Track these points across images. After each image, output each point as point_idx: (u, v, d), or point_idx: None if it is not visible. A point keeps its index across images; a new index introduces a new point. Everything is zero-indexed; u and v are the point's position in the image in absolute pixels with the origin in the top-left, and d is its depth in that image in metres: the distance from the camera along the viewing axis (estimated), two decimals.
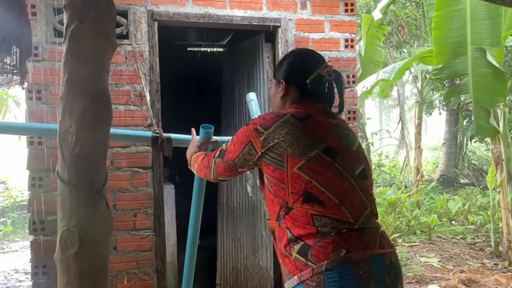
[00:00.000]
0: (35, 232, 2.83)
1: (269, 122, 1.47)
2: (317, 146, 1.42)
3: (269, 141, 1.44)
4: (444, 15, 4.63)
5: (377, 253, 1.36)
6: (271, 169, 1.45)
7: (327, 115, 1.55)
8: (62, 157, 1.63)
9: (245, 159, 1.53)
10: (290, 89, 1.60)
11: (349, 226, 1.37)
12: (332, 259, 1.31)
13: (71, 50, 1.63)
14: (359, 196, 1.43)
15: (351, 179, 1.43)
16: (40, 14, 2.87)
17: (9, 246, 7.15)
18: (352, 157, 1.49)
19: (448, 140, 11.68)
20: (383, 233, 1.46)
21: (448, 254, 5.51)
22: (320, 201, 1.38)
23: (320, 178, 1.39)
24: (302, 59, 1.63)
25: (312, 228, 1.36)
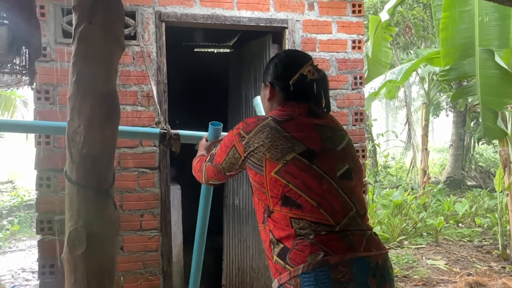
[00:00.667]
0: (43, 232, 2.84)
1: (250, 127, 1.48)
2: (295, 149, 1.41)
3: (250, 146, 1.46)
4: (452, 16, 4.61)
5: (360, 255, 1.33)
6: (253, 173, 1.47)
7: (312, 115, 1.53)
8: (70, 157, 1.64)
9: (231, 163, 1.55)
10: (275, 91, 1.60)
11: (329, 229, 1.35)
12: (308, 263, 1.30)
13: (80, 51, 1.64)
14: (341, 197, 1.40)
15: (331, 180, 1.41)
16: (49, 14, 2.89)
17: (16, 245, 7.20)
18: (334, 157, 1.46)
19: (455, 142, 11.61)
20: (372, 235, 1.43)
21: (455, 256, 5.48)
22: (297, 204, 1.37)
23: (297, 182, 1.38)
24: (285, 61, 1.63)
25: (291, 230, 1.36)
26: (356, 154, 1.58)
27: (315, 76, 1.54)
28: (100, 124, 1.63)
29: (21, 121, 2.76)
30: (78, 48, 1.64)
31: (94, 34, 1.64)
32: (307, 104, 1.55)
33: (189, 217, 4.17)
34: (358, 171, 1.52)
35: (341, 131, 1.57)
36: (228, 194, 4.20)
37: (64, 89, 2.88)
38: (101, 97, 1.63)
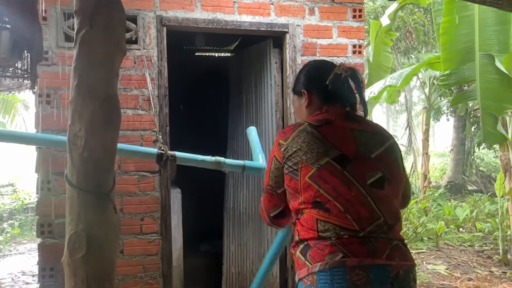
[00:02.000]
0: (43, 235, 2.84)
1: (287, 134, 1.53)
2: (329, 154, 1.44)
3: (288, 151, 1.49)
4: (452, 21, 4.63)
5: (380, 263, 1.35)
6: (288, 179, 1.50)
7: (349, 119, 1.56)
8: (71, 161, 1.64)
9: (275, 176, 1.56)
10: (312, 96, 1.62)
11: (352, 233, 1.38)
12: (326, 261, 1.34)
13: (81, 55, 1.65)
14: (368, 205, 1.41)
15: (360, 187, 1.42)
16: (51, 19, 2.90)
17: (17, 248, 7.20)
18: (367, 165, 1.47)
19: (456, 147, 11.61)
20: (399, 245, 1.43)
21: (456, 261, 5.47)
22: (325, 208, 1.40)
23: (327, 187, 1.41)
24: (317, 66, 1.69)
25: (315, 233, 1.40)
26: (396, 162, 1.54)
27: (349, 73, 1.56)
28: (101, 128, 1.63)
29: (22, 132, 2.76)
30: (79, 52, 1.64)
31: (95, 38, 1.65)
32: (344, 108, 1.58)
33: (189, 221, 4.18)
34: (394, 180, 1.50)
35: (382, 136, 1.56)
36: (228, 198, 4.20)
37: (65, 92, 2.89)
38: (102, 101, 1.63)
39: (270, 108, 3.55)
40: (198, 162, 2.36)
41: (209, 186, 4.54)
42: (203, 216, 4.91)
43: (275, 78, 3.48)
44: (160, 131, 3.05)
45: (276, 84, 3.48)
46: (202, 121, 5.23)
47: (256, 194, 3.74)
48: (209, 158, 2.37)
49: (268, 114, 3.58)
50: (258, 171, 2.42)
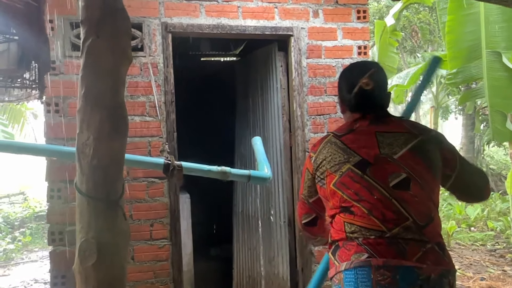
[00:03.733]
0: (54, 243, 2.87)
1: (316, 146, 1.62)
2: (350, 160, 1.49)
3: (317, 162, 1.58)
4: (457, 19, 4.61)
5: (408, 264, 1.34)
6: (319, 188, 1.59)
7: (375, 123, 1.56)
8: (80, 169, 1.66)
9: (308, 187, 1.65)
10: (344, 106, 1.68)
11: (379, 234, 1.39)
12: (351, 261, 1.39)
13: (88, 64, 1.66)
14: (393, 207, 1.41)
15: (383, 190, 1.43)
16: (58, 29, 2.93)
17: (29, 256, 7.26)
18: (389, 167, 1.46)
19: (465, 145, 11.51)
20: (433, 248, 1.40)
21: (468, 261, 5.42)
22: (350, 211, 1.46)
23: (350, 192, 1.47)
24: (345, 76, 1.70)
25: (343, 233, 1.46)
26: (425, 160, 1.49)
27: (370, 87, 1.55)
28: (109, 136, 1.64)
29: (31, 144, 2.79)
30: (86, 61, 1.66)
31: (101, 47, 1.66)
32: (372, 113, 1.58)
33: (198, 225, 4.19)
34: (423, 180, 1.47)
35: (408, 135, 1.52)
36: (237, 202, 4.21)
37: (73, 101, 2.92)
38: (110, 109, 1.65)
39: (277, 111, 3.55)
40: (204, 172, 2.39)
41: (218, 190, 4.54)
42: (212, 220, 4.92)
43: (281, 81, 3.49)
44: (168, 137, 3.07)
45: (282, 87, 3.49)
46: (209, 126, 5.24)
47: (264, 198, 3.74)
48: (215, 168, 2.39)
49: (275, 117, 3.58)
50: (263, 180, 2.45)
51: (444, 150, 1.55)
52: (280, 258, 3.53)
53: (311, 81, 3.38)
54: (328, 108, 3.39)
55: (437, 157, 1.52)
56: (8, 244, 7.39)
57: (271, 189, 3.61)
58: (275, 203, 3.58)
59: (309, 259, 3.33)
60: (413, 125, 1.59)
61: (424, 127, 1.61)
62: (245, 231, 4.03)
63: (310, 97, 3.38)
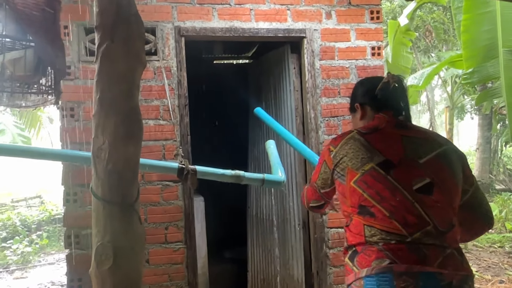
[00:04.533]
0: (71, 246, 2.89)
1: (337, 141, 1.60)
2: (374, 159, 1.47)
3: (337, 157, 1.56)
4: (473, 18, 4.54)
5: (430, 270, 1.33)
6: (338, 184, 1.57)
7: (400, 127, 1.58)
8: (96, 173, 1.67)
9: (323, 178, 1.66)
10: (365, 108, 1.69)
11: (400, 239, 1.37)
12: (373, 267, 1.36)
13: (103, 69, 1.68)
14: (415, 211, 1.40)
15: (405, 193, 1.42)
16: (73, 34, 2.97)
17: (46, 259, 7.35)
18: (414, 170, 1.46)
19: (482, 145, 11.35)
20: (453, 253, 1.40)
21: (486, 263, 5.33)
22: (370, 213, 1.43)
23: (371, 191, 1.44)
24: (366, 80, 1.80)
25: (362, 238, 1.42)
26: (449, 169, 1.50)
27: (396, 80, 1.62)
28: (123, 140, 1.65)
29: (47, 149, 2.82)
30: (101, 66, 1.67)
31: (116, 52, 1.67)
32: (395, 116, 1.61)
33: (212, 228, 4.19)
34: (446, 186, 1.46)
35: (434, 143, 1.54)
36: (251, 204, 4.20)
37: (88, 106, 2.95)
38: (124, 114, 1.66)
39: (290, 113, 3.54)
40: (218, 176, 2.39)
41: (232, 193, 4.54)
42: (226, 222, 4.92)
43: (294, 83, 3.48)
44: (181, 140, 3.08)
45: (295, 89, 3.48)
46: (222, 128, 5.25)
47: (279, 200, 3.73)
48: (229, 172, 2.40)
49: (288, 119, 3.58)
50: (277, 184, 2.44)
51: (465, 165, 1.57)
52: (295, 261, 3.52)
53: (324, 82, 3.37)
54: (342, 109, 3.36)
55: (459, 169, 1.54)
56: (26, 247, 7.50)
57: (286, 192, 3.60)
58: (289, 206, 3.57)
59: (324, 262, 3.31)
60: (437, 135, 1.63)
61: (448, 140, 1.63)
62: (259, 234, 4.02)
63: (324, 99, 3.36)
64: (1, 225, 8.79)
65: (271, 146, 2.78)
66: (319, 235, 3.31)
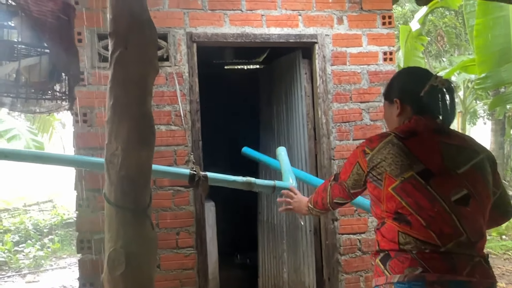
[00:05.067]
0: (83, 251, 2.91)
1: (374, 143, 1.54)
2: (413, 167, 1.44)
3: (373, 161, 1.52)
4: (486, 23, 4.51)
5: (460, 279, 1.36)
6: (373, 187, 1.54)
7: (439, 132, 1.54)
8: (109, 179, 1.68)
9: (355, 179, 1.62)
10: (405, 106, 1.61)
11: (433, 248, 1.39)
12: (405, 274, 1.38)
13: (116, 76, 1.69)
14: (452, 222, 1.41)
15: (444, 204, 1.42)
16: (86, 40, 3.00)
17: (57, 263, 7.40)
18: (452, 181, 1.45)
19: (495, 151, 11.17)
20: (481, 262, 1.42)
21: (500, 271, 5.25)
22: (407, 221, 1.42)
23: (410, 200, 1.43)
24: (412, 75, 1.67)
25: (396, 245, 1.43)
26: (484, 178, 1.51)
27: (445, 85, 1.55)
28: (136, 146, 1.66)
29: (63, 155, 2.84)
30: (114, 73, 1.68)
31: (129, 59, 1.68)
32: (434, 120, 1.57)
33: (223, 233, 4.19)
34: (480, 198, 1.47)
35: (472, 151, 1.53)
36: (262, 210, 4.19)
37: (101, 111, 2.98)
38: (137, 120, 1.67)
39: (301, 119, 3.53)
40: (229, 183, 2.40)
41: (242, 198, 4.53)
42: (236, 228, 4.91)
43: (305, 89, 3.47)
44: (193, 146, 3.09)
45: (306, 95, 3.47)
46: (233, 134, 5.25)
47: None
48: (240, 178, 2.40)
49: (300, 125, 3.57)
50: None
51: (495, 170, 1.58)
52: (306, 267, 3.49)
53: (336, 88, 3.35)
54: (353, 115, 3.35)
55: (490, 176, 1.54)
56: (38, 251, 7.56)
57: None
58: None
59: (336, 269, 3.29)
60: (474, 141, 1.60)
61: (483, 146, 1.61)
62: (270, 239, 4.01)
63: (335, 104, 3.35)
64: (13, 229, 8.88)
65: (282, 152, 2.77)
66: (330, 241, 3.29)
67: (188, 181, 2.32)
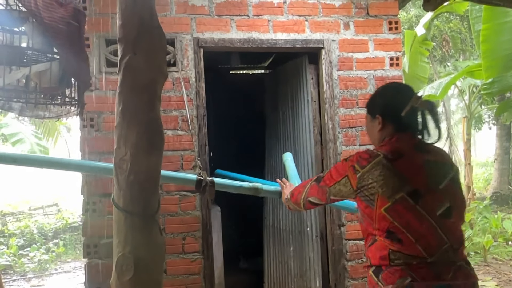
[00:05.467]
0: (89, 255, 2.91)
1: (364, 162, 1.60)
2: (403, 189, 1.54)
3: (364, 180, 1.59)
4: (492, 28, 4.49)
5: (444, 283, 1.49)
6: (364, 205, 1.61)
7: (421, 150, 1.63)
8: (118, 184, 1.68)
9: (340, 190, 1.68)
10: (386, 123, 1.69)
11: (421, 260, 1.51)
12: (397, 285, 1.50)
13: (125, 81, 1.69)
14: (438, 234, 1.53)
15: (431, 220, 1.53)
16: (93, 46, 3.02)
17: (62, 266, 7.41)
18: (437, 197, 1.56)
19: (500, 156, 11.17)
20: (462, 265, 1.55)
21: (507, 277, 5.21)
22: (398, 239, 1.53)
23: (402, 221, 1.53)
24: (396, 94, 1.74)
25: (387, 261, 1.55)
26: (459, 188, 1.64)
27: (425, 107, 1.63)
28: (145, 151, 1.66)
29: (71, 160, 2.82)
30: (123, 78, 1.69)
31: (138, 64, 1.69)
32: (415, 137, 1.67)
33: (228, 238, 4.18)
34: (458, 208, 1.61)
35: (448, 166, 1.64)
36: (268, 215, 4.18)
37: (108, 116, 2.99)
38: (146, 125, 1.67)
39: (308, 124, 3.53)
40: (235, 188, 2.41)
41: (248, 203, 4.53)
42: (242, 233, 4.90)
43: (311, 94, 3.47)
44: (199, 150, 3.09)
45: (313, 100, 3.47)
46: (239, 138, 5.26)
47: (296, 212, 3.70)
48: (246, 184, 2.42)
49: (306, 130, 3.56)
50: None
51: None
52: (312, 272, 3.48)
53: (342, 93, 3.35)
54: (360, 120, 3.34)
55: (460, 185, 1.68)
56: (43, 255, 7.58)
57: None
58: (307, 217, 3.54)
59: (342, 274, 3.27)
60: (447, 154, 1.71)
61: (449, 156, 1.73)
62: (276, 245, 3.99)
63: (342, 110, 3.35)
64: (19, 233, 8.91)
65: (288, 158, 2.77)
66: (337, 247, 3.28)
67: (195, 187, 2.32)
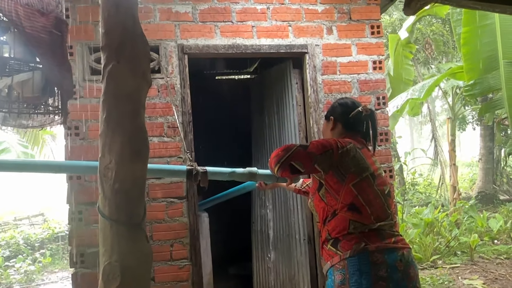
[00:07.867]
0: (76, 265, 2.88)
1: (345, 144, 1.96)
2: (368, 170, 1.95)
3: (343, 157, 1.92)
4: (473, 31, 4.59)
5: (390, 246, 1.87)
6: (334, 181, 1.93)
7: (366, 146, 2.10)
8: (103, 192, 1.67)
9: (324, 159, 1.91)
10: (337, 123, 2.16)
11: (371, 227, 1.89)
12: (354, 249, 1.85)
13: (109, 89, 1.69)
14: (385, 209, 1.96)
15: (381, 197, 1.96)
16: (77, 54, 3.01)
17: (49, 277, 7.30)
18: (383, 180, 2.02)
19: (485, 156, 11.32)
20: (399, 235, 1.98)
21: (493, 275, 5.28)
22: (359, 211, 1.90)
23: (364, 195, 1.91)
24: (345, 102, 2.21)
25: (345, 231, 1.89)
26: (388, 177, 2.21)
27: (368, 113, 2.11)
28: (130, 159, 1.66)
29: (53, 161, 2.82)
30: (107, 86, 1.69)
31: (122, 72, 1.70)
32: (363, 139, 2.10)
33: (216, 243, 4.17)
34: (393, 190, 2.13)
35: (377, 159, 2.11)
36: (256, 220, 4.19)
37: (93, 124, 2.97)
38: (131, 133, 1.67)
39: (293, 128, 3.55)
40: (229, 175, 2.37)
41: (236, 208, 4.53)
42: (230, 238, 4.90)
43: (296, 98, 3.50)
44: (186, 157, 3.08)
45: (298, 104, 3.49)
46: (226, 144, 5.26)
47: (283, 215, 3.72)
48: (241, 169, 2.38)
49: (291, 134, 3.58)
50: None
51: None
52: (300, 276, 3.49)
53: (327, 97, 3.38)
54: None
55: None
56: (29, 266, 7.46)
57: (290, 207, 3.59)
58: (294, 220, 3.56)
59: None
60: None
61: None
62: (264, 249, 4.00)
63: None
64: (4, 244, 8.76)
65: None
66: None
67: (187, 177, 2.32)
